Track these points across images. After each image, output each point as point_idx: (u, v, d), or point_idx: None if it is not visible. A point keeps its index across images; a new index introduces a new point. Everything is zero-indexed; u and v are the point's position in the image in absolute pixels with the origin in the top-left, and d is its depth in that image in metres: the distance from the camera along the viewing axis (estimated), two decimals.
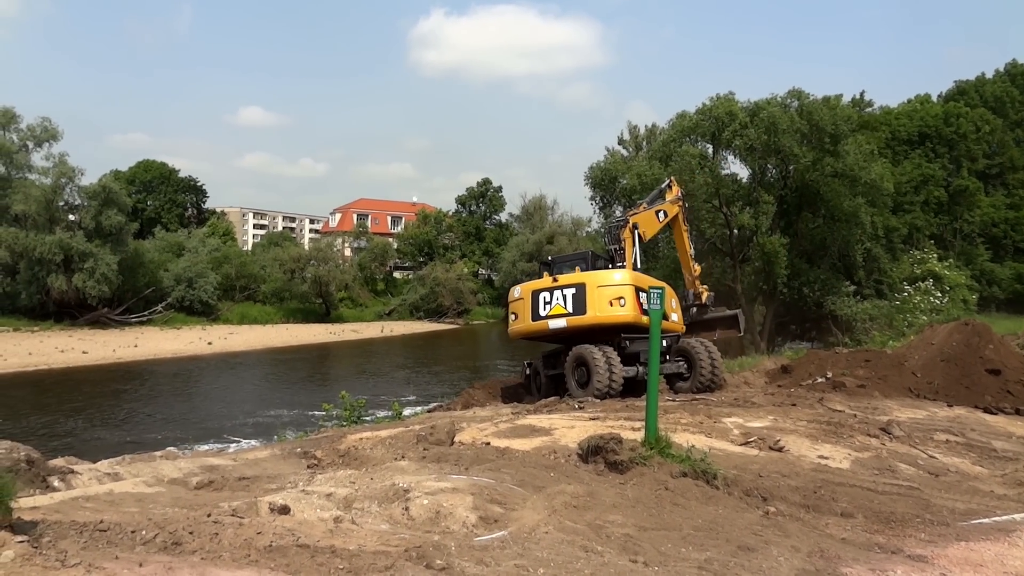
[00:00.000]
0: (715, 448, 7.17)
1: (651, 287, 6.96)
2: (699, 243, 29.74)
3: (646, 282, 12.39)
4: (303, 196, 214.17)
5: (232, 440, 19.02)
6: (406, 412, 14.15)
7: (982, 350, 12.81)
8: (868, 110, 39.21)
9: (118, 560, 3.52)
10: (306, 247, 73.98)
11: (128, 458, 7.14)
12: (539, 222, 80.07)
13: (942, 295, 28.62)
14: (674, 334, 13.43)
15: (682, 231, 15.54)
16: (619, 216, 15.13)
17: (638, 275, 12.82)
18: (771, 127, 24.76)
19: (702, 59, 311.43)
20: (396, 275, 79.97)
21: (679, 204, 15.16)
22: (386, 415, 14.80)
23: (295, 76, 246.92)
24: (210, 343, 42.95)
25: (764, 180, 28.68)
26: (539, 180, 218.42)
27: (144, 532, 3.96)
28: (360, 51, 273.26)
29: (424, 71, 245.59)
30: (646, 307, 6.73)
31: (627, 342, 12.52)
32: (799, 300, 27.72)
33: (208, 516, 4.36)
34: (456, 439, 7.36)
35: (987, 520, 5.54)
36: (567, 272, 13.94)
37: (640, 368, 12.20)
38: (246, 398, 27.39)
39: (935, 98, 43.79)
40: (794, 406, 10.39)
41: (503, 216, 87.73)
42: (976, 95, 43.57)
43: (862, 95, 39.43)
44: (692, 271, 15.71)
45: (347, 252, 76.53)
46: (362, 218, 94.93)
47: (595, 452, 6.07)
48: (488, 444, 7.11)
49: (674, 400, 11.27)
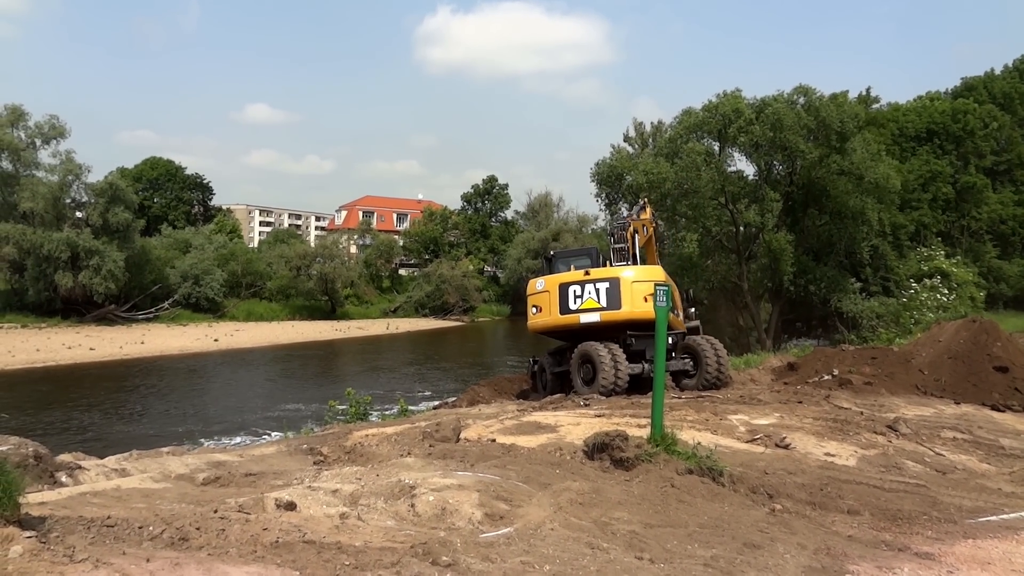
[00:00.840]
0: (721, 445, 7.16)
1: (657, 284, 6.95)
2: (705, 240, 29.75)
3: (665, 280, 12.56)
4: (309, 193, 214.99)
5: (238, 437, 19.09)
6: (412, 409, 14.16)
7: (990, 347, 12.75)
8: (875, 106, 39.00)
9: (125, 556, 3.54)
10: (312, 244, 74.19)
11: (135, 454, 7.17)
12: (545, 219, 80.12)
13: (949, 292, 28.47)
14: (679, 332, 13.41)
15: (654, 250, 15.61)
16: (624, 216, 15.13)
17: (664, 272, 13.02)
18: (777, 124, 24.68)
19: (709, 56, 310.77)
20: (402, 272, 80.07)
21: (653, 224, 15.17)
22: (392, 412, 14.83)
23: (301, 73, 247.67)
24: (216, 340, 43.11)
25: (770, 177, 28.57)
26: (545, 177, 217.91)
27: (151, 528, 3.98)
28: (366, 49, 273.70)
29: (430, 69, 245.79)
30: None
31: (633, 339, 12.50)
32: (805, 297, 27.63)
33: (215, 512, 4.38)
34: (462, 436, 7.37)
35: (995, 518, 5.52)
36: (562, 269, 13.96)
37: (646, 365, 12.18)
38: (252, 395, 27.48)
39: (944, 95, 43.54)
40: (800, 403, 10.36)
41: (509, 213, 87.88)
42: (984, 91, 43.26)
43: (868, 91, 39.18)
44: None
45: (353, 249, 76.64)
46: (368, 215, 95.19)
47: (601, 449, 6.06)
48: (494, 441, 7.11)
49: (680, 397, 11.24)
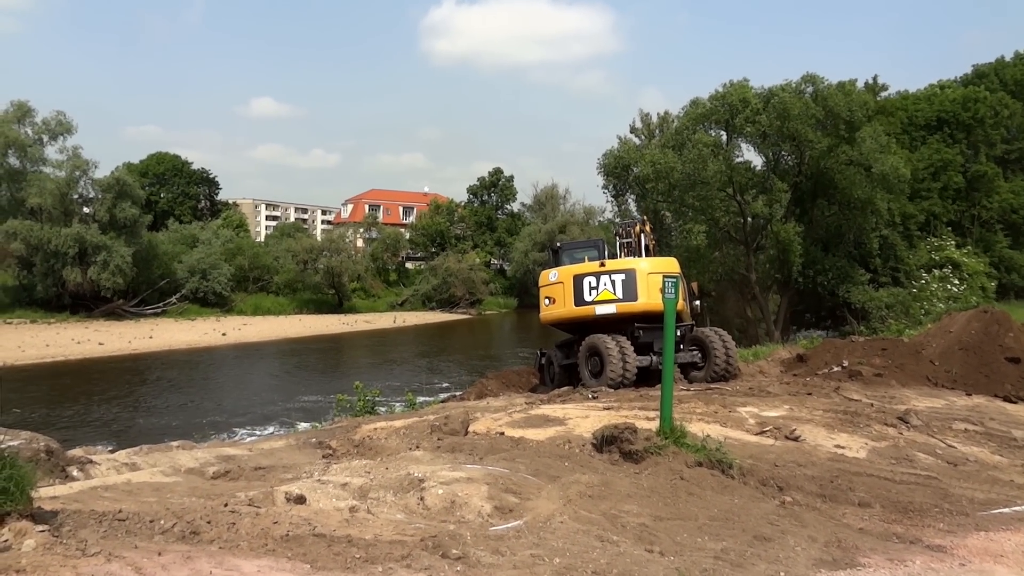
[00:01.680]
0: (730, 438, 7.15)
1: (665, 275, 6.93)
2: (713, 231, 29.64)
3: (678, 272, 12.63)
4: (315, 187, 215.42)
5: (247, 430, 19.20)
6: (420, 402, 14.21)
7: (1001, 338, 12.66)
8: (884, 95, 38.66)
9: (137, 549, 3.56)
10: (318, 238, 74.29)
11: (145, 448, 7.21)
12: (551, 211, 79.91)
13: (960, 283, 28.28)
14: (687, 323, 13.40)
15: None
16: (635, 217, 15.20)
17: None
18: (784, 113, 24.54)
19: (716, 45, 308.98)
20: (408, 266, 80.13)
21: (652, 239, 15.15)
22: (400, 405, 14.87)
23: (305, 67, 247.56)
24: (224, 334, 43.35)
25: (778, 167, 28.41)
26: (551, 169, 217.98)
27: (162, 522, 4.00)
28: (371, 41, 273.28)
29: (435, 60, 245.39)
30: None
31: (640, 331, 12.50)
32: (814, 288, 27.53)
33: (225, 506, 4.40)
34: (470, 429, 7.38)
35: (1007, 510, 5.49)
36: (567, 261, 13.95)
37: (654, 357, 12.18)
38: (260, 388, 27.63)
39: (954, 82, 43.09)
40: (810, 395, 10.33)
41: (515, 206, 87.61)
42: (995, 78, 42.80)
43: (875, 79, 38.83)
44: None
45: (359, 243, 76.72)
46: (374, 209, 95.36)
47: (610, 442, 6.06)
48: (502, 434, 7.12)
49: (688, 390, 11.24)
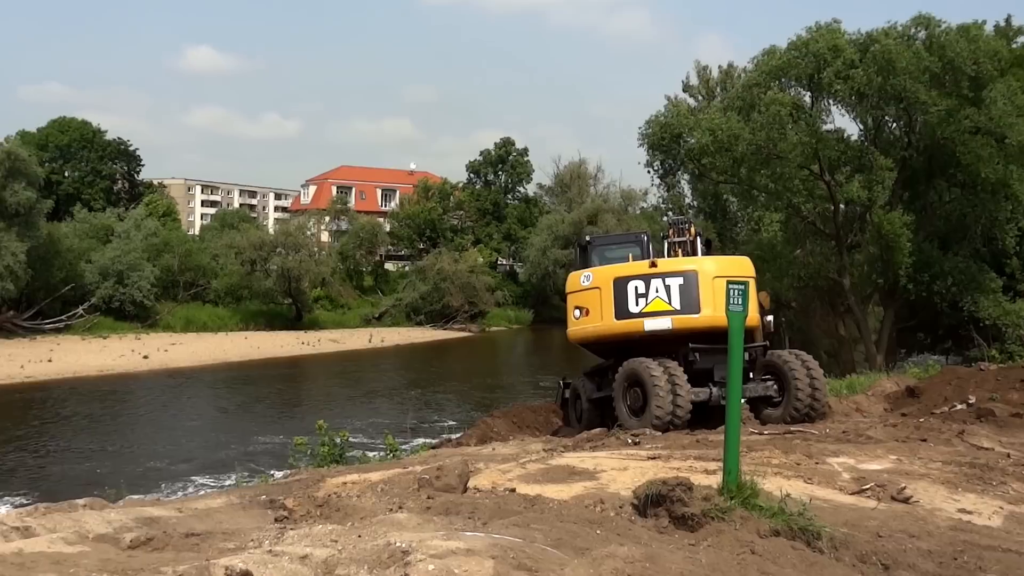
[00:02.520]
0: (818, 498, 7.09)
1: (730, 281, 6.80)
2: (792, 223, 29.56)
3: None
4: (267, 163, 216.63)
5: (177, 484, 19.23)
6: (404, 448, 14.21)
7: None
8: (1020, 40, 38.46)
9: None
10: (271, 230, 74.80)
11: (42, 507, 7.22)
12: (578, 196, 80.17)
13: None
14: (759, 344, 13.35)
15: None
16: (680, 216, 15.29)
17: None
18: (888, 66, 24.47)
19: None
20: (389, 267, 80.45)
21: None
22: (378, 452, 14.87)
23: (258, 7, 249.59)
24: (146, 357, 43.58)
25: (880, 138, 28.28)
26: (578, 140, 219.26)
27: None
28: None
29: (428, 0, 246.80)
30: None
31: (696, 354, 12.45)
32: (928, 299, 27.34)
33: None
34: (470, 484, 7.36)
35: None
36: (597, 261, 13.93)
37: (715, 390, 12.12)
38: (194, 429, 27.72)
39: None
40: (924, 442, 10.25)
41: (530, 188, 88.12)
42: None
43: (1008, 21, 38.58)
44: None
45: (324, 237, 77.09)
46: (344, 192, 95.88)
47: (656, 502, 6.02)
48: (513, 491, 7.10)
49: (761, 433, 11.17)
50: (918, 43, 25.54)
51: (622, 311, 12.68)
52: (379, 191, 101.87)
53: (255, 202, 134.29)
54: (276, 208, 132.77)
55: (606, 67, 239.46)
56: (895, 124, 27.81)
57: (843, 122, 30.90)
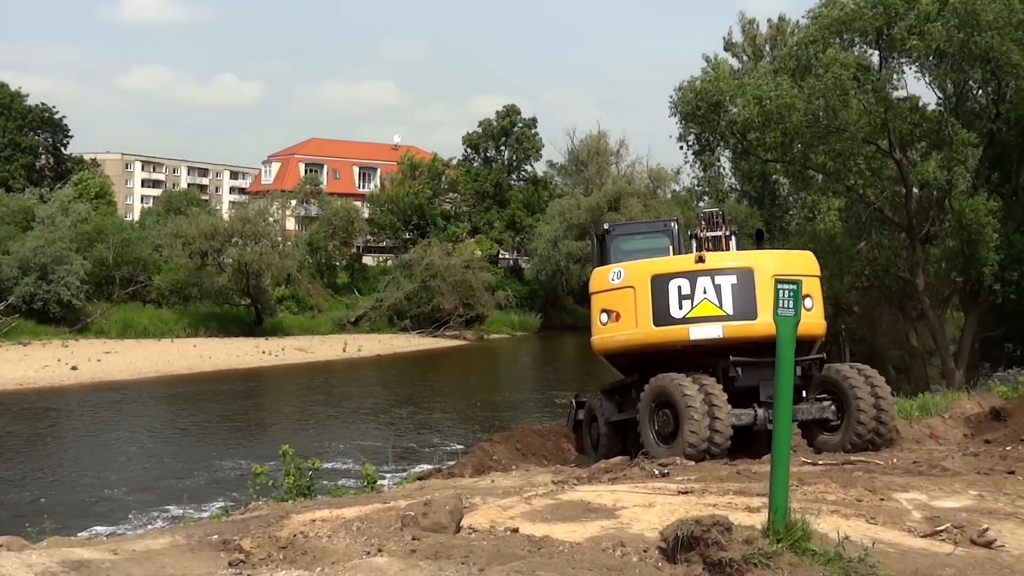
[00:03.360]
0: (882, 541, 7.12)
1: (778, 279, 6.76)
2: (855, 209, 29.57)
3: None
4: (221, 136, 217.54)
5: (112, 520, 19.26)
6: (384, 480, 14.25)
7: None
8: None
9: None
10: (225, 216, 74.76)
11: None
12: (596, 176, 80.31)
13: None
14: (813, 357, 13.35)
15: None
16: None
17: None
18: (972, 19, 24.43)
19: None
20: (367, 261, 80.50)
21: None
22: (353, 483, 14.91)
23: None
24: (75, 367, 43.57)
25: (963, 107, 28.29)
26: (598, 108, 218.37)
27: None
28: None
29: None
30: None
31: (738, 369, 12.48)
32: (1019, 302, 27.37)
33: None
34: (465, 523, 7.39)
35: None
36: (620, 254, 13.95)
37: (760, 411, 12.13)
38: (132, 454, 27.75)
39: None
40: (1011, 474, 10.25)
41: (540, 166, 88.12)
42: None
43: None
44: None
45: (290, 224, 77.11)
46: (314, 170, 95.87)
47: (688, 546, 6.05)
48: (516, 531, 7.13)
49: (815, 463, 11.20)
50: None
51: (662, 316, 12.58)
52: (356, 169, 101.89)
53: (206, 182, 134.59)
54: (232, 189, 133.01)
55: (631, 20, 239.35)
56: (981, 91, 27.83)
57: (918, 88, 31.02)
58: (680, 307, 12.53)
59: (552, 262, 70.11)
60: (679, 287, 12.56)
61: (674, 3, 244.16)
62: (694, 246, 14.38)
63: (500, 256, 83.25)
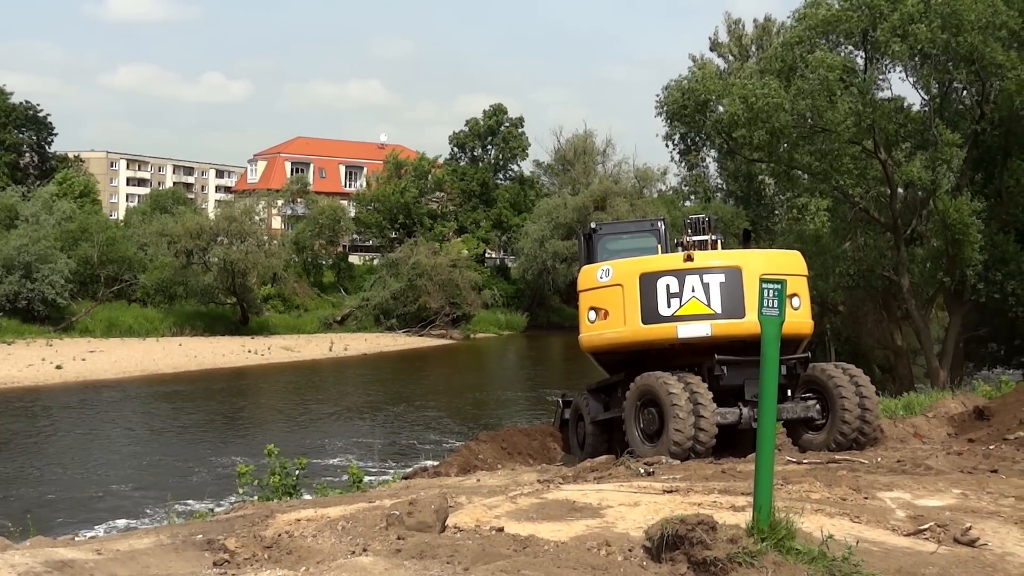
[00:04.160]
0: (866, 540, 7.14)
1: (764, 278, 6.81)
2: (841, 210, 29.66)
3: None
4: (207, 134, 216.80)
5: (96, 520, 19.19)
6: (370, 479, 14.24)
7: None
8: None
9: None
10: (211, 215, 74.62)
11: None
12: (583, 175, 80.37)
13: None
14: (797, 357, 13.37)
15: None
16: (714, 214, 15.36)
17: None
18: (956, 20, 24.52)
19: None
20: (353, 260, 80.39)
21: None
22: (339, 483, 14.89)
23: None
24: (60, 366, 43.47)
25: (947, 108, 28.42)
26: (584, 108, 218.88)
27: None
28: None
29: None
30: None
31: (723, 368, 12.50)
32: (1003, 302, 27.50)
33: None
34: (450, 522, 7.40)
35: None
36: (606, 254, 13.96)
37: (745, 410, 12.17)
38: (117, 453, 27.67)
39: None
40: (995, 473, 10.30)
41: (526, 166, 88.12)
42: None
43: None
44: None
45: (276, 223, 76.96)
46: (300, 168, 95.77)
47: (673, 545, 6.06)
48: (501, 530, 7.14)
49: (800, 462, 11.24)
50: None
51: (650, 314, 12.60)
52: (342, 168, 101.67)
53: (192, 180, 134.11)
54: (217, 188, 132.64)
55: (618, 19, 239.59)
56: (965, 91, 27.94)
57: (903, 88, 31.07)
58: (668, 305, 12.54)
59: (539, 261, 70.18)
60: (667, 285, 12.58)
61: (661, 3, 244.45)
62: (683, 247, 14.44)
63: (487, 255, 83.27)
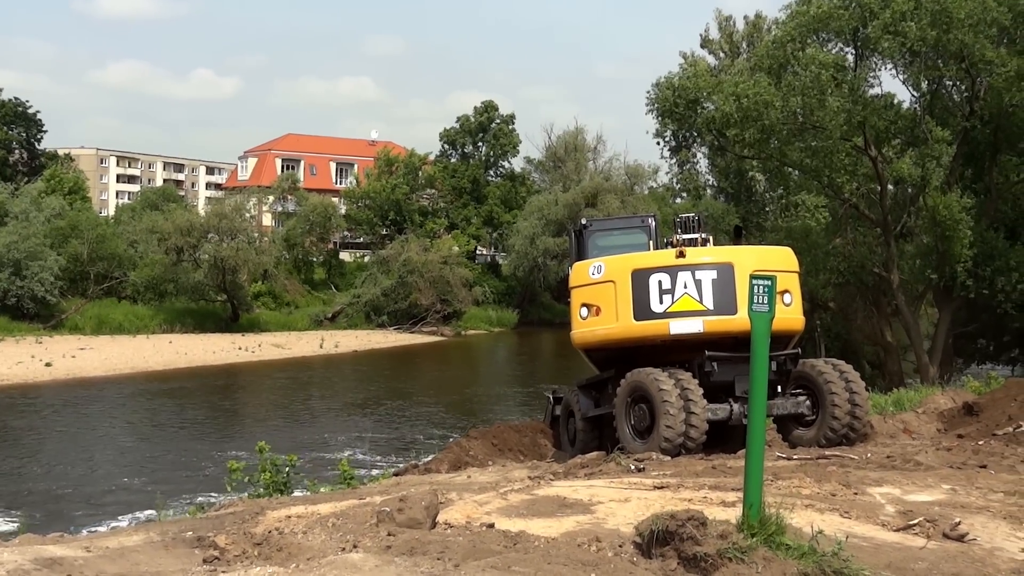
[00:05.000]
0: (856, 535, 7.16)
1: (754, 274, 6.85)
2: (832, 206, 29.71)
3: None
4: (197, 131, 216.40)
5: (86, 517, 19.16)
6: (360, 475, 14.23)
7: None
8: None
9: None
10: (201, 212, 74.48)
11: None
12: (574, 172, 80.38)
13: None
14: (788, 353, 13.40)
15: None
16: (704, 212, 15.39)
17: None
18: (945, 17, 24.55)
19: None
20: (344, 257, 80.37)
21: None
22: (329, 480, 14.88)
23: None
24: (49, 364, 43.40)
25: (937, 105, 28.44)
26: (576, 105, 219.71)
27: None
28: None
29: None
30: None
31: (714, 364, 12.53)
32: (992, 298, 27.57)
33: None
34: (440, 518, 7.40)
35: None
36: (597, 250, 13.99)
37: (735, 406, 12.19)
38: (107, 451, 27.62)
39: None
40: (983, 468, 10.34)
41: (517, 163, 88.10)
42: None
43: None
44: None
45: (267, 220, 76.89)
46: (291, 165, 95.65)
47: (663, 541, 6.07)
48: (491, 526, 7.14)
49: (790, 458, 11.28)
50: None
51: (642, 310, 12.62)
52: (333, 165, 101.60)
53: (182, 177, 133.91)
54: (208, 185, 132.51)
55: (610, 15, 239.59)
56: (954, 88, 27.95)
57: (893, 86, 30.94)
58: (660, 302, 12.57)
59: (529, 258, 70.23)
60: (660, 282, 12.61)
61: (652, 0, 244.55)
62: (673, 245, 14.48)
63: (477, 252, 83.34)
